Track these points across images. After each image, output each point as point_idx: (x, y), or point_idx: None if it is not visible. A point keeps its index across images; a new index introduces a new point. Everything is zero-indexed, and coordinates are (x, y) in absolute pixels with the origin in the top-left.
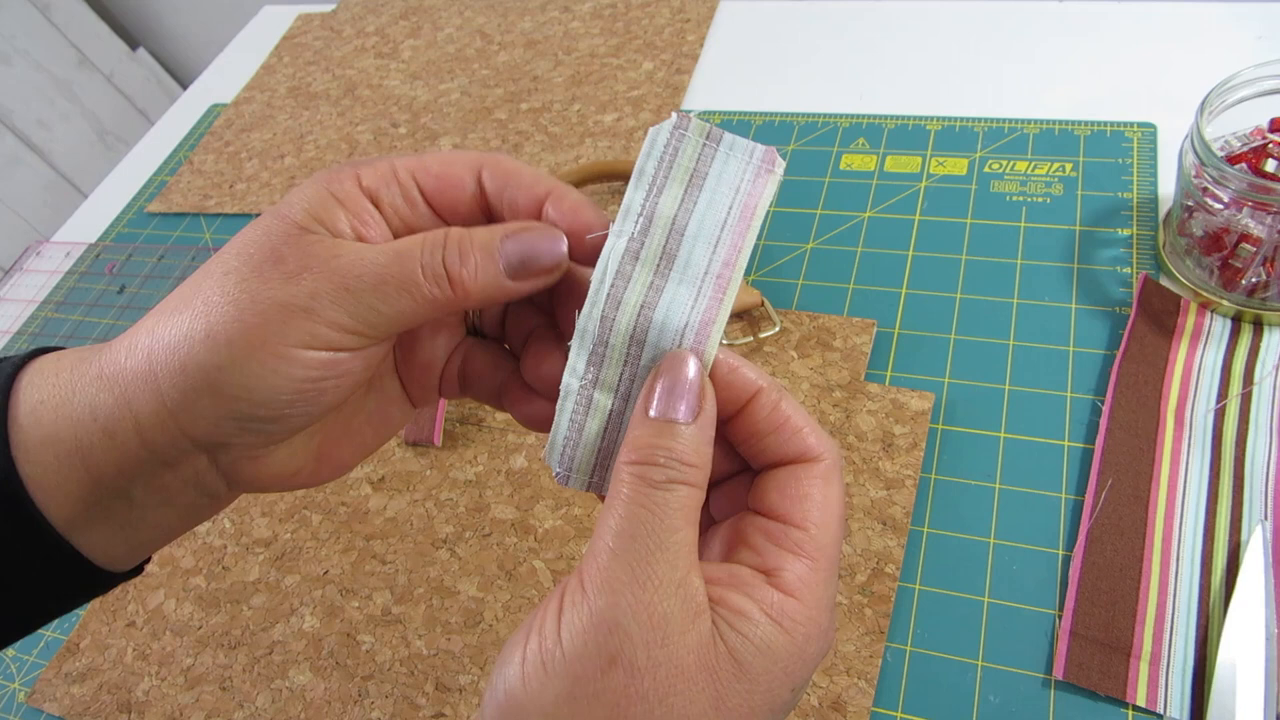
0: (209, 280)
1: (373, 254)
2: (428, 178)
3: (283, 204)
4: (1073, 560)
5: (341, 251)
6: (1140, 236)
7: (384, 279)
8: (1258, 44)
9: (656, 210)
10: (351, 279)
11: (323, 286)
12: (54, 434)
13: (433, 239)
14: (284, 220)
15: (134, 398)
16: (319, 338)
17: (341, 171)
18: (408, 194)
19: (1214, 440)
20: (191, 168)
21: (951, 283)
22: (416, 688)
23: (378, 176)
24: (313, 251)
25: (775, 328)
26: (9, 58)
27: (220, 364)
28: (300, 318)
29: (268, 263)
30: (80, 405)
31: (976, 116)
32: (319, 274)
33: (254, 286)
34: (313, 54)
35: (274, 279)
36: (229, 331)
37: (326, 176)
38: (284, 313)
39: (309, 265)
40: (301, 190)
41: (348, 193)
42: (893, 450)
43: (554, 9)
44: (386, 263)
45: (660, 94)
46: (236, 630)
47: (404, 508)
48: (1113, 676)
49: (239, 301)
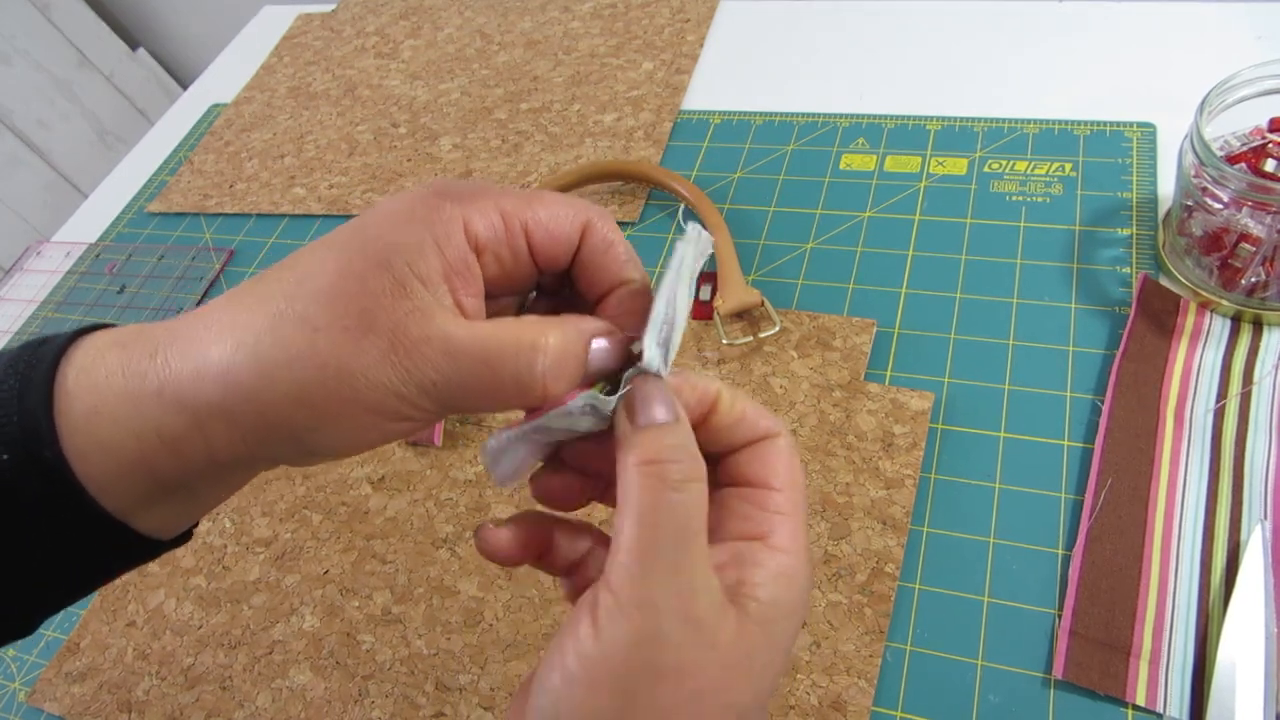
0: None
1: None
2: (538, 229)
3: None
4: (1072, 560)
5: (433, 332)
6: (1140, 236)
7: (472, 381)
8: (1258, 44)
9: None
10: (443, 372)
11: (414, 374)
12: (112, 444)
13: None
14: (379, 270)
15: (209, 427)
16: (401, 413)
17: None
18: (514, 243)
19: (1213, 440)
20: (191, 168)
21: (951, 283)
22: (416, 687)
23: (488, 227)
24: (405, 327)
25: (775, 327)
26: (9, 58)
27: (307, 423)
28: (393, 400)
29: (358, 328)
30: (145, 422)
31: (976, 116)
32: (413, 358)
33: (346, 357)
34: (313, 54)
35: (369, 353)
36: (321, 401)
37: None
38: (378, 392)
39: (406, 345)
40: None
41: (454, 246)
42: (893, 450)
43: (554, 9)
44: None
45: (660, 94)
46: (236, 630)
47: (404, 507)
48: (1112, 676)
49: (331, 370)
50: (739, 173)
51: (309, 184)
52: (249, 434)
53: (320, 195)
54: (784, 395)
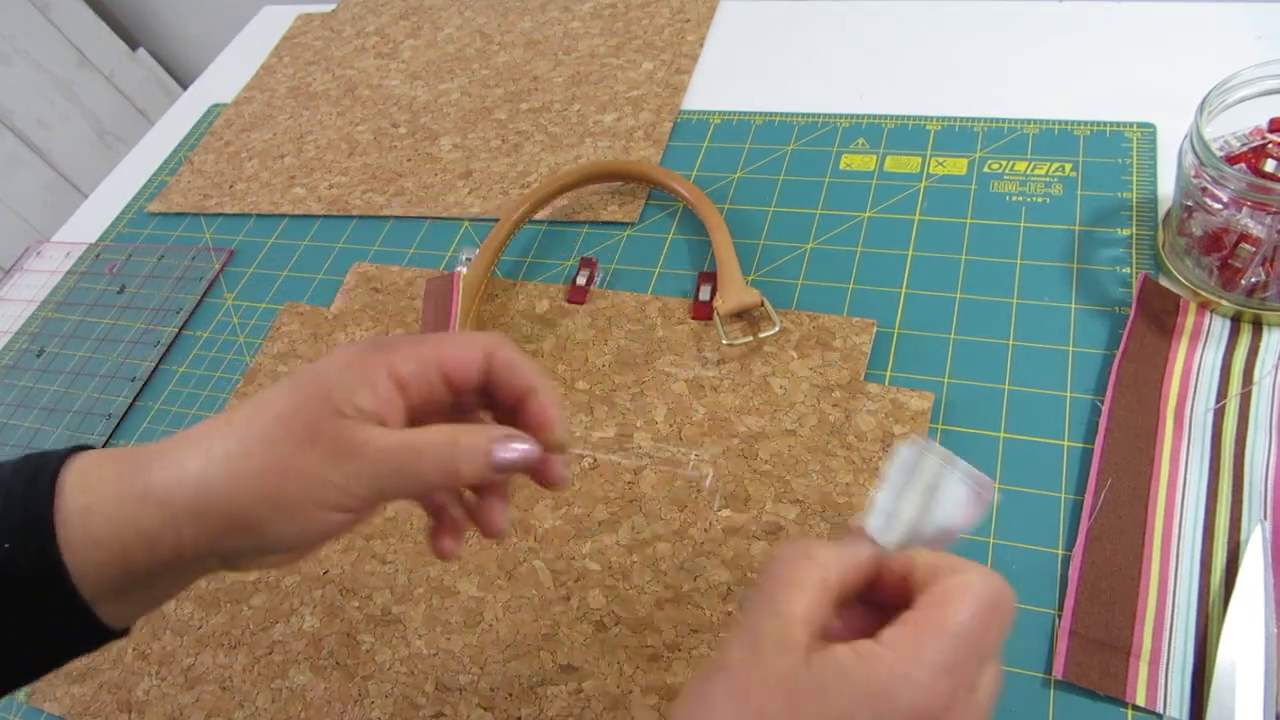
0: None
1: (392, 446)
2: (452, 364)
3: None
4: (1072, 560)
5: (369, 439)
6: (1140, 236)
7: (401, 469)
8: (1258, 44)
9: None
10: (375, 461)
11: (350, 467)
12: (99, 537)
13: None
14: (322, 400)
15: (181, 525)
16: (342, 504)
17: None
18: (431, 380)
19: (1213, 440)
20: (191, 168)
21: (951, 283)
22: (416, 687)
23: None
24: (347, 438)
25: (775, 328)
26: (9, 58)
27: (266, 516)
28: (330, 489)
29: (308, 442)
30: (128, 520)
31: (976, 116)
32: (349, 455)
33: (299, 462)
34: (313, 54)
35: (316, 458)
36: (275, 494)
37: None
38: (322, 485)
39: (342, 445)
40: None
41: (381, 386)
42: (893, 450)
43: (554, 9)
44: (405, 454)
45: (660, 94)
46: (236, 630)
47: (404, 507)
48: (1112, 676)
49: (283, 469)
50: (739, 173)
51: (309, 184)
52: (214, 529)
53: (320, 195)
54: (784, 395)
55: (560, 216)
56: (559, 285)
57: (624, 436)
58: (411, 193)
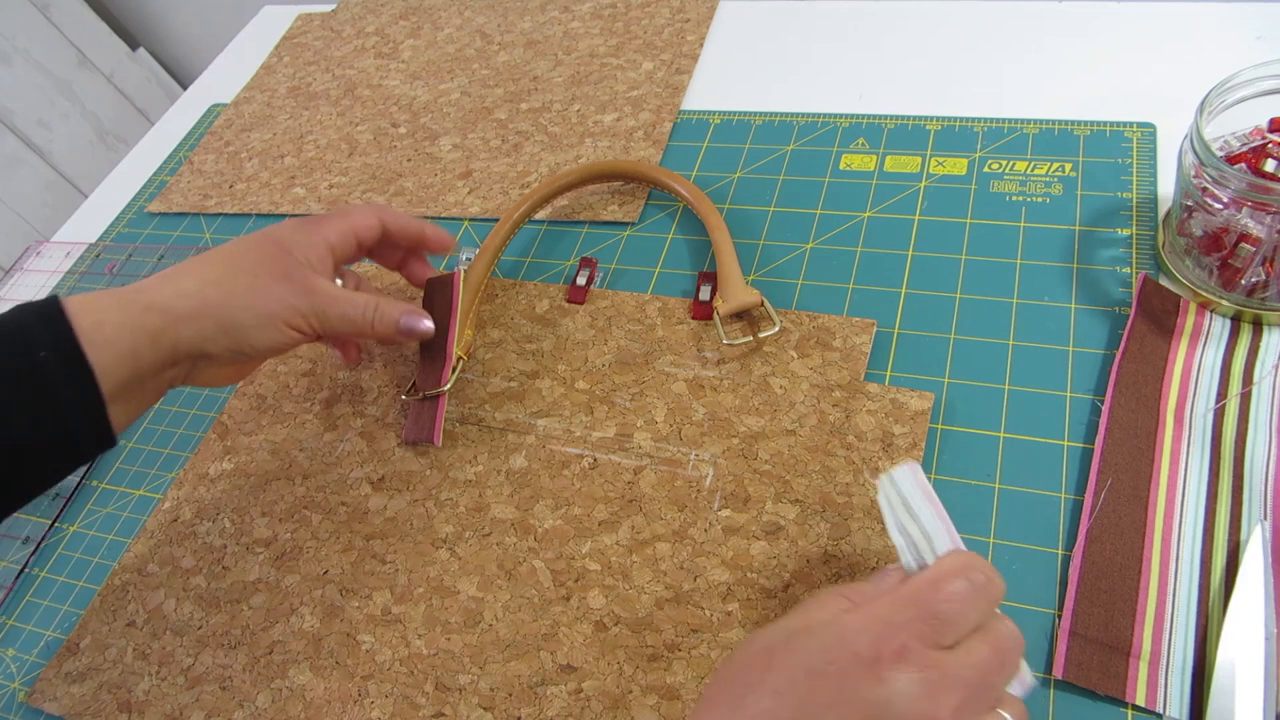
0: (242, 274)
1: (340, 296)
2: (362, 230)
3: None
4: (1072, 560)
5: (325, 288)
6: (1140, 236)
7: (342, 315)
8: (1258, 44)
9: (912, 535)
10: (328, 309)
11: (313, 305)
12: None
13: (368, 303)
14: (287, 252)
15: (181, 328)
16: (299, 326)
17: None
18: (349, 244)
19: (1213, 440)
20: (191, 168)
21: (951, 283)
22: (416, 688)
23: (337, 236)
24: (308, 280)
25: (775, 327)
26: (9, 58)
27: (249, 324)
28: (296, 315)
29: (284, 277)
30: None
31: (976, 116)
32: (310, 293)
33: (277, 290)
34: (313, 54)
35: (288, 290)
36: (258, 309)
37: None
38: (289, 310)
39: (306, 286)
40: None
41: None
42: (892, 450)
43: (554, 9)
44: (345, 305)
45: (660, 94)
46: (236, 630)
47: (404, 508)
48: (1112, 676)
49: (265, 292)
50: (739, 173)
51: (309, 184)
52: (205, 331)
53: (320, 195)
54: (784, 395)
55: (560, 216)
56: (559, 285)
57: (624, 436)
58: (411, 193)
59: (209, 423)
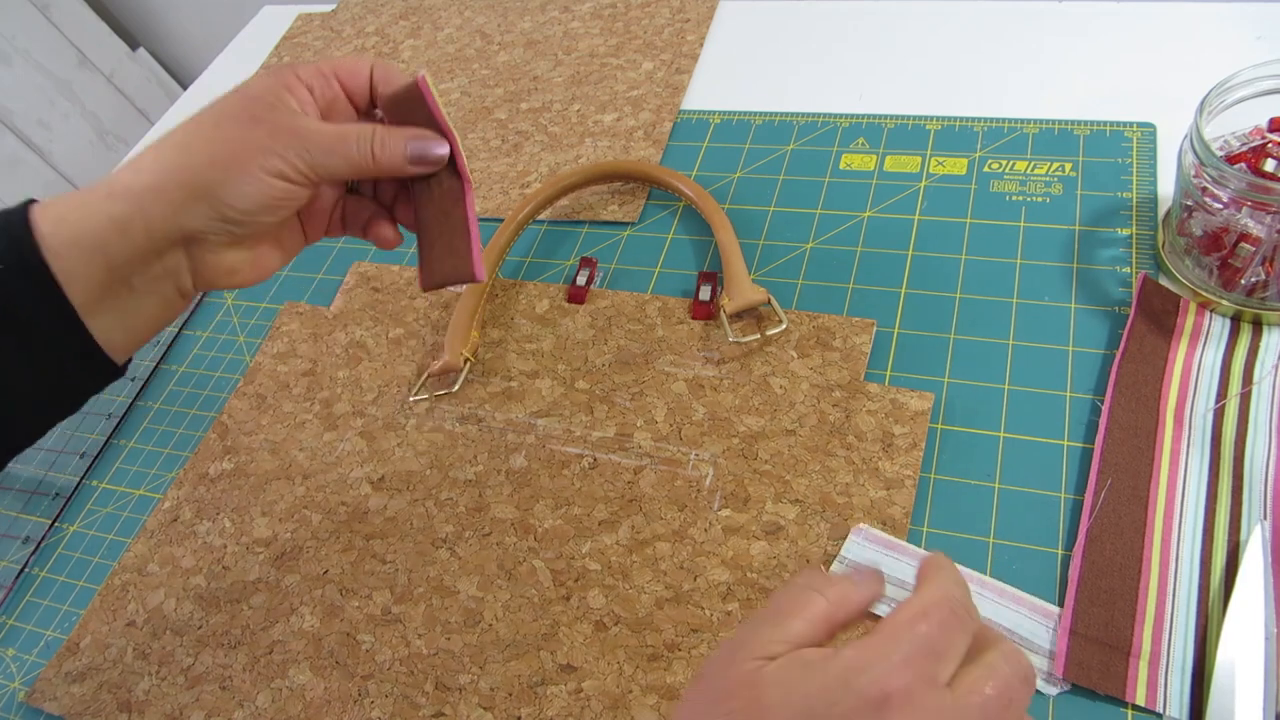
0: (203, 129)
1: (324, 129)
2: (343, 73)
3: (249, 90)
4: (1072, 560)
5: (304, 123)
6: (1140, 236)
7: (330, 147)
8: (1257, 44)
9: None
10: (310, 142)
11: (292, 142)
12: (77, 236)
13: (364, 130)
14: (255, 100)
15: (146, 204)
16: (284, 172)
17: (285, 71)
18: (329, 84)
19: (1213, 440)
20: None
21: (951, 282)
22: (416, 687)
23: (310, 74)
24: (281, 119)
25: (782, 325)
26: (9, 58)
27: (219, 179)
28: (274, 157)
29: (250, 120)
30: (98, 213)
31: (976, 116)
32: (289, 134)
33: (243, 133)
34: (313, 54)
35: (259, 132)
36: (225, 159)
37: (276, 75)
38: (264, 153)
39: (280, 126)
40: (259, 82)
41: (293, 84)
42: (892, 450)
43: (554, 9)
44: (333, 137)
45: (660, 94)
46: (236, 630)
47: (404, 507)
48: (1112, 676)
49: (231, 140)
50: (739, 173)
51: None
52: (174, 200)
53: None
54: (784, 395)
55: (560, 216)
56: (559, 285)
57: (624, 436)
58: None
59: (209, 423)
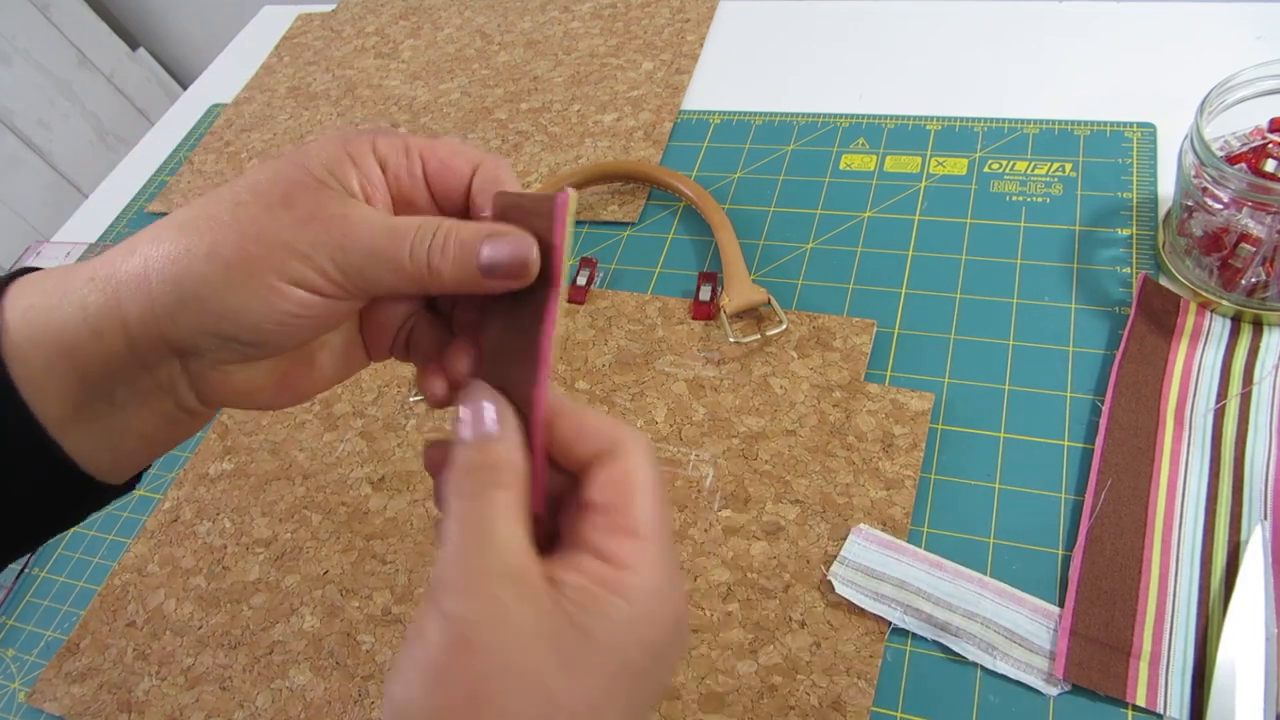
0: (218, 206)
1: (372, 222)
2: (433, 160)
3: (301, 154)
4: (1072, 560)
5: (348, 211)
6: (1140, 236)
7: (376, 250)
8: (1258, 44)
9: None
10: (350, 240)
11: (323, 238)
12: (43, 335)
13: (426, 227)
14: (301, 169)
15: (124, 298)
16: (308, 281)
17: (360, 136)
18: (412, 169)
19: (1214, 440)
20: (191, 168)
21: (951, 283)
22: None
23: (391, 147)
24: (322, 204)
25: (782, 325)
26: (9, 58)
27: (215, 281)
28: (297, 259)
29: (280, 204)
30: (71, 306)
31: (976, 116)
32: (323, 226)
33: (263, 221)
34: (313, 54)
35: (284, 220)
36: (229, 254)
37: (344, 138)
38: (285, 251)
39: (316, 215)
40: (321, 146)
41: (362, 155)
42: (892, 450)
43: (554, 9)
44: (382, 235)
45: (660, 94)
46: (236, 630)
47: (404, 508)
48: (1113, 676)
49: (245, 231)
50: (739, 173)
51: None
52: (159, 301)
53: None
54: (784, 395)
55: None
56: None
57: None
58: None
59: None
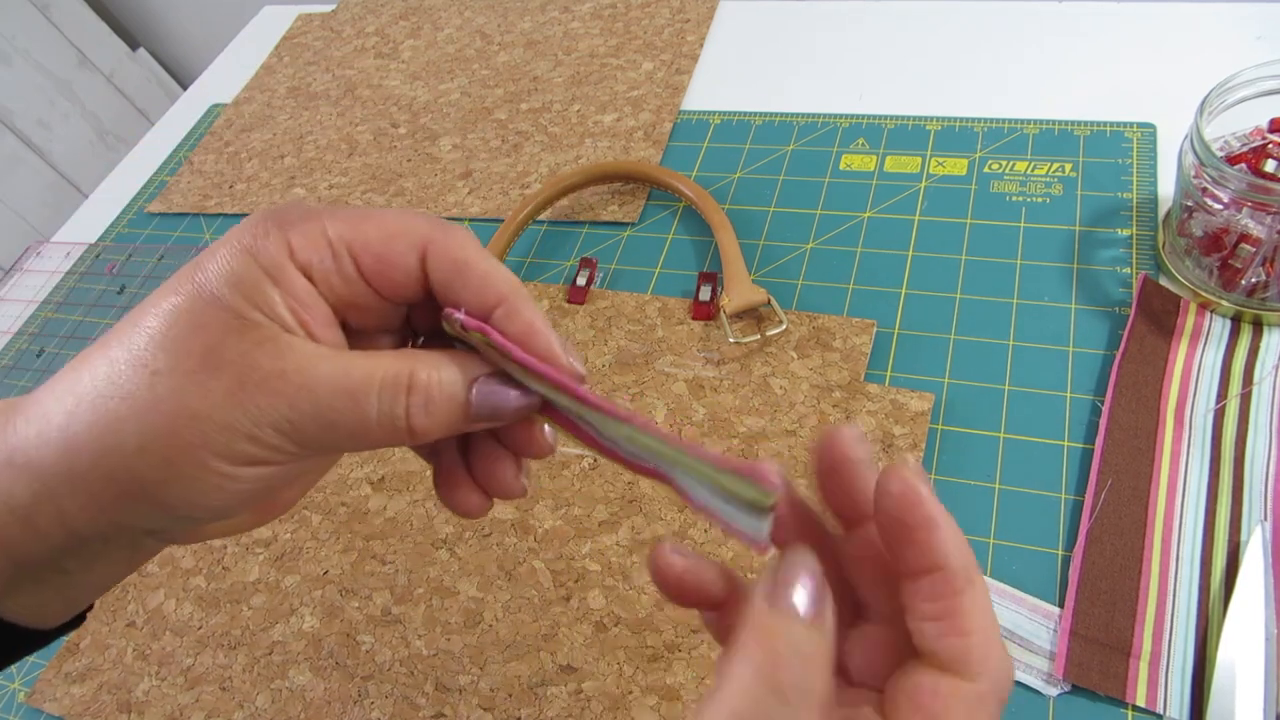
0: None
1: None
2: (366, 255)
3: (202, 271)
4: (1072, 560)
5: (285, 365)
6: (1140, 236)
7: (333, 420)
8: (1258, 44)
9: None
10: (297, 406)
11: (266, 410)
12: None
13: (393, 383)
14: (213, 303)
15: (58, 494)
16: (259, 457)
17: (267, 235)
18: (343, 270)
19: (1214, 440)
20: (191, 168)
21: (951, 283)
22: (416, 688)
23: (312, 248)
24: (253, 360)
25: (782, 326)
26: (9, 58)
27: (155, 479)
28: (242, 440)
29: (202, 369)
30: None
31: (976, 116)
32: (261, 393)
33: (190, 398)
34: (313, 54)
35: (215, 393)
36: (163, 447)
37: (249, 239)
38: (225, 432)
39: (249, 379)
40: (224, 259)
41: (278, 266)
42: (892, 451)
43: (554, 9)
44: (337, 399)
45: (660, 94)
46: (236, 630)
47: (404, 508)
48: (1112, 676)
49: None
50: (739, 173)
51: (309, 184)
52: (100, 498)
53: (320, 195)
54: (784, 396)
55: (560, 217)
56: (559, 285)
57: None
58: (411, 193)
59: None
